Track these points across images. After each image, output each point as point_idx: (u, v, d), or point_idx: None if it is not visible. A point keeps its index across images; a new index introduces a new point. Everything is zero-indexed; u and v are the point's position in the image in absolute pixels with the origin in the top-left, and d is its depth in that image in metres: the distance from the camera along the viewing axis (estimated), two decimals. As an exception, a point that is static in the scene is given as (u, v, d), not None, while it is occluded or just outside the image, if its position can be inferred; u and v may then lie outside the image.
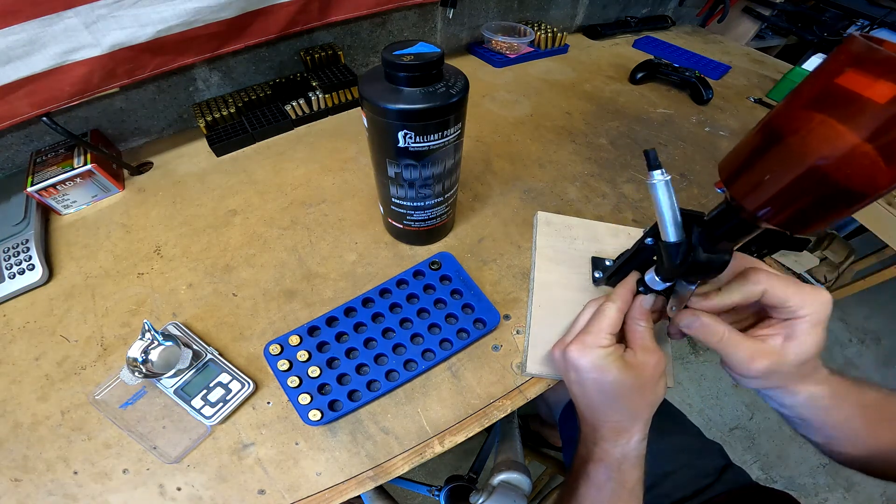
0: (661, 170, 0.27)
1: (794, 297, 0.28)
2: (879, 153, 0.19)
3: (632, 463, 0.32)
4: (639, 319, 0.33)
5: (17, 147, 0.56)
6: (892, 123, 0.18)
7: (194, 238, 0.50)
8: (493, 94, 0.76)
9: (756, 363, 0.28)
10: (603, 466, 0.33)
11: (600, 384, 0.31)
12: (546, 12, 0.94)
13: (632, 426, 0.32)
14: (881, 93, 0.18)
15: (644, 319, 0.33)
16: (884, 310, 1.51)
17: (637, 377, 0.31)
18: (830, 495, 1.12)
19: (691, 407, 1.26)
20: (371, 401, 0.37)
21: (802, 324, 0.28)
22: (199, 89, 0.64)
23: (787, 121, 0.22)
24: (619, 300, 0.33)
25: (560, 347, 0.34)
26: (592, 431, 0.34)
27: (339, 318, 0.40)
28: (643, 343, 0.32)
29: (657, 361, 0.31)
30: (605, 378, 0.31)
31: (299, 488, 0.33)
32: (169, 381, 0.37)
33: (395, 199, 0.42)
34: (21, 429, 0.36)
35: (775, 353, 0.28)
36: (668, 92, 0.81)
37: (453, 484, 0.58)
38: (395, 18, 0.74)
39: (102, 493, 0.33)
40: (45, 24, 0.43)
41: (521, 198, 0.56)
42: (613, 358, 0.31)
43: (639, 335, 0.32)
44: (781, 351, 0.28)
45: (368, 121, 0.35)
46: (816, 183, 0.21)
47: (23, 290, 0.45)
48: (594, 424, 0.34)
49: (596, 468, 0.33)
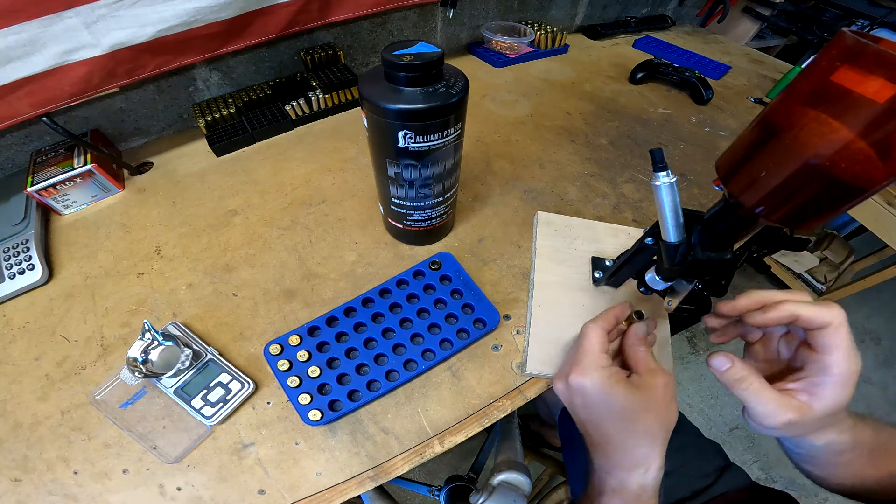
0: (667, 171, 0.27)
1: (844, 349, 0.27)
2: (874, 148, 0.19)
3: (650, 495, 0.30)
4: (637, 345, 0.33)
5: (17, 147, 0.56)
6: (884, 119, 0.18)
7: (194, 238, 0.50)
8: (493, 94, 0.76)
9: (779, 418, 0.27)
10: (619, 500, 0.30)
11: (609, 406, 0.30)
12: (546, 12, 0.94)
13: (650, 451, 0.30)
14: (873, 89, 0.18)
15: (642, 344, 0.33)
16: (884, 310, 1.51)
17: (647, 398, 0.30)
18: (830, 495, 1.12)
19: (691, 407, 1.26)
20: (371, 401, 0.37)
21: (832, 380, 0.27)
22: (199, 89, 0.64)
23: (781, 117, 0.22)
24: (601, 320, 0.33)
25: (561, 378, 0.33)
26: (605, 460, 0.32)
27: (339, 318, 0.40)
28: (647, 366, 0.31)
29: (665, 382, 0.30)
30: (612, 398, 0.30)
31: (299, 488, 0.33)
32: (169, 381, 0.37)
33: (395, 199, 0.42)
34: (21, 429, 0.36)
35: (801, 409, 0.27)
36: (668, 92, 0.81)
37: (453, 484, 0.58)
38: (395, 18, 0.74)
39: (102, 493, 0.33)
40: (46, 24, 0.43)
41: (521, 198, 0.56)
42: (617, 378, 0.30)
43: (641, 359, 0.32)
44: (807, 406, 0.27)
45: (368, 121, 0.35)
46: (812, 178, 0.21)
47: (23, 290, 0.45)
48: (606, 451, 0.32)
49: (611, 501, 0.31)
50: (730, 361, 0.29)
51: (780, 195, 0.23)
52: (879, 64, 0.18)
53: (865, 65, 0.19)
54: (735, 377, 0.29)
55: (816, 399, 0.27)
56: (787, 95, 0.23)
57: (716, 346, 1.35)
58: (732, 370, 0.29)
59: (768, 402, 0.28)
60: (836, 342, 0.27)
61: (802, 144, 0.21)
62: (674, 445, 0.56)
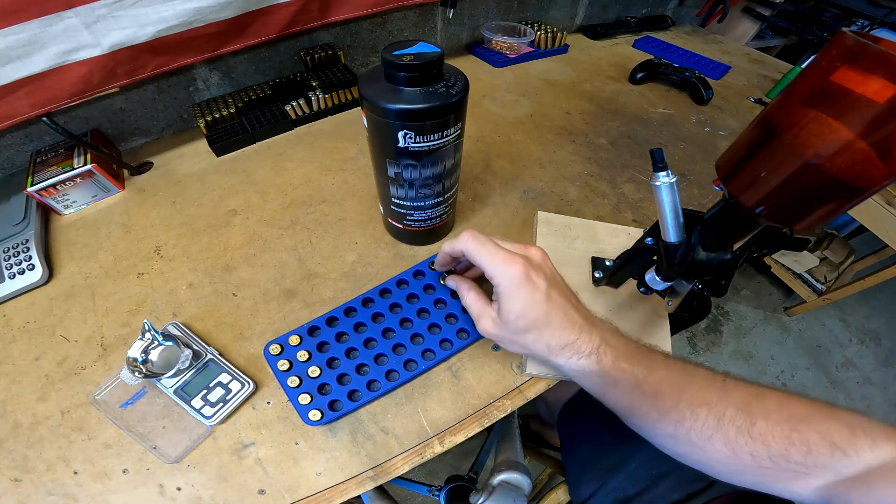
0: (667, 171, 0.27)
1: (487, 266, 0.31)
2: (874, 148, 0.19)
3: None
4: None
5: (17, 147, 0.56)
6: (884, 119, 0.18)
7: (194, 238, 0.50)
8: (493, 94, 0.76)
9: (482, 322, 0.33)
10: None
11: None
12: (546, 12, 0.94)
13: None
14: (873, 89, 0.18)
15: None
16: (884, 310, 1.51)
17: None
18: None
19: (691, 407, 1.26)
20: (371, 401, 0.37)
21: (500, 293, 0.31)
22: (199, 89, 0.64)
23: (781, 117, 0.22)
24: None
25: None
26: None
27: (339, 318, 0.40)
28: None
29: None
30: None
31: (299, 488, 0.33)
32: (169, 381, 0.37)
33: (395, 199, 0.42)
34: (21, 429, 0.36)
35: (495, 318, 0.32)
36: (668, 92, 0.81)
37: (453, 484, 0.58)
38: (395, 18, 0.74)
39: (102, 493, 0.33)
40: (46, 24, 0.43)
41: (521, 198, 0.56)
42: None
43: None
44: (498, 314, 0.32)
45: (368, 121, 0.35)
46: (812, 178, 0.21)
47: (23, 290, 0.45)
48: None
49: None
50: (453, 280, 0.38)
51: (780, 195, 0.23)
52: (879, 64, 0.18)
53: (865, 65, 0.19)
54: (452, 286, 0.38)
55: (499, 307, 0.32)
56: (787, 95, 0.23)
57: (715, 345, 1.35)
58: (449, 280, 0.38)
59: (472, 306, 0.35)
60: (477, 260, 0.32)
61: (802, 144, 0.21)
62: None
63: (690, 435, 0.29)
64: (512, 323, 0.31)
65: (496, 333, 0.33)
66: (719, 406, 0.28)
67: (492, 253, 0.31)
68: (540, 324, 0.30)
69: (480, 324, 0.34)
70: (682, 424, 0.29)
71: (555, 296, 0.31)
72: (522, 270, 0.30)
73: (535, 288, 0.30)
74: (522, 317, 0.30)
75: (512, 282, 0.30)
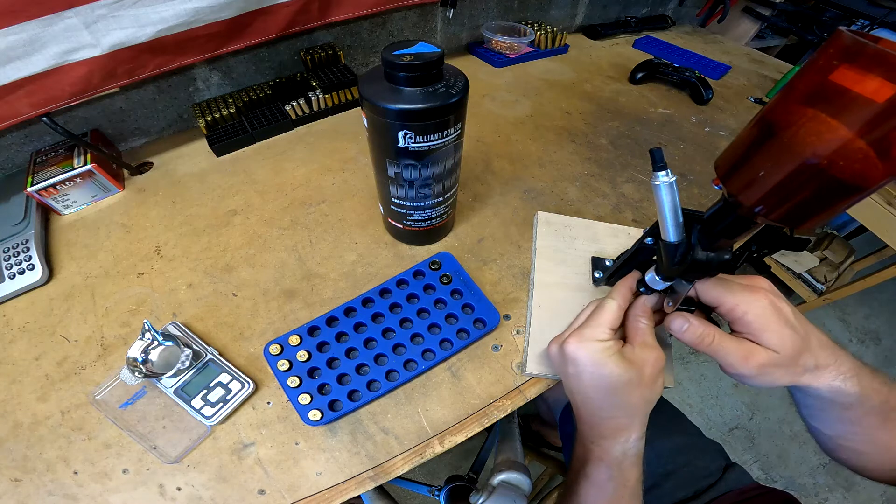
0: (666, 171, 0.27)
1: (725, 298, 0.29)
2: (872, 147, 0.19)
3: (631, 461, 0.32)
4: (640, 316, 0.33)
5: (17, 147, 0.56)
6: (883, 118, 0.18)
7: (194, 238, 0.50)
8: (493, 94, 0.76)
9: (752, 360, 0.29)
10: (603, 466, 0.32)
11: (597, 378, 0.31)
12: (546, 12, 0.94)
13: (630, 423, 0.32)
14: (872, 88, 0.18)
15: (646, 317, 0.33)
16: (884, 310, 1.51)
17: (635, 373, 0.30)
18: (830, 495, 1.12)
19: (691, 407, 1.26)
20: (371, 401, 0.37)
21: (749, 322, 0.29)
22: (199, 89, 0.64)
23: (780, 116, 0.22)
24: (620, 297, 0.33)
25: (557, 342, 0.34)
26: (590, 429, 0.33)
27: (339, 318, 0.40)
28: (643, 339, 0.32)
29: (656, 358, 0.31)
30: (602, 372, 0.31)
31: (299, 488, 0.33)
32: (169, 381, 0.37)
33: (395, 199, 0.42)
34: (21, 429, 0.36)
35: (766, 351, 0.28)
36: (668, 92, 0.81)
37: (453, 484, 0.58)
38: (395, 18, 0.74)
39: (102, 493, 0.33)
40: (45, 24, 0.43)
41: (521, 198, 0.56)
42: (611, 352, 0.31)
43: (640, 332, 0.32)
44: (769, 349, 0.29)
45: (368, 121, 0.35)
46: (811, 177, 0.21)
47: (23, 290, 0.45)
48: (591, 422, 0.33)
49: (596, 468, 0.33)
50: (686, 321, 0.30)
51: (779, 194, 0.23)
52: (878, 63, 0.18)
53: (864, 64, 0.19)
54: (696, 334, 0.30)
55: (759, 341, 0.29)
56: (786, 94, 0.22)
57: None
58: (691, 328, 0.30)
59: (736, 350, 0.29)
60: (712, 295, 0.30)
61: (801, 143, 0.21)
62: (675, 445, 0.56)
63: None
64: (788, 349, 0.29)
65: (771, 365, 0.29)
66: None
67: (730, 286, 0.30)
68: (802, 346, 0.29)
69: (753, 360, 0.29)
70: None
71: (801, 317, 0.30)
72: (768, 298, 0.29)
73: (784, 312, 0.29)
74: (791, 341, 0.28)
75: (765, 310, 0.29)
